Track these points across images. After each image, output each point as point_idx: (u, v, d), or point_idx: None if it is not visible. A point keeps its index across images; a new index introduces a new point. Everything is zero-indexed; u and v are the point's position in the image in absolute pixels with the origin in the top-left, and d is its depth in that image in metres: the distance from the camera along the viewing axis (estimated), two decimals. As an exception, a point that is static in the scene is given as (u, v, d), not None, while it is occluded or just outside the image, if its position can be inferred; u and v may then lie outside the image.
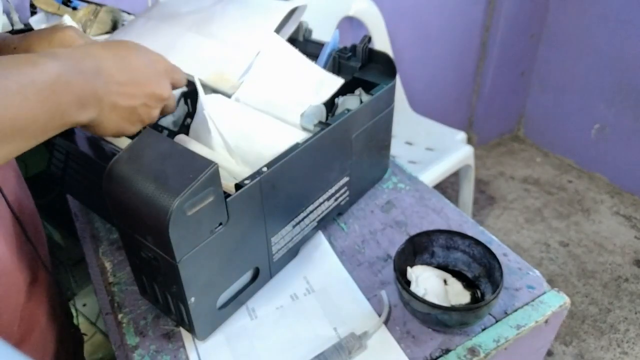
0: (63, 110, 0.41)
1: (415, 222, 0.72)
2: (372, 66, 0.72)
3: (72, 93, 0.41)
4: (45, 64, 0.40)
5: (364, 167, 0.72)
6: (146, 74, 0.50)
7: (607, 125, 1.88)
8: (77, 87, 0.42)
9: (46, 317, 0.62)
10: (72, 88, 0.41)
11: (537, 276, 0.62)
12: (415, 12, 1.66)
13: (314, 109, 0.64)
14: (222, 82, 0.66)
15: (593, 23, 1.77)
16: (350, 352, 0.54)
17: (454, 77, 1.95)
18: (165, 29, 0.71)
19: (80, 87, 0.42)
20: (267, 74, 0.66)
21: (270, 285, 0.63)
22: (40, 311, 0.62)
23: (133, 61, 0.48)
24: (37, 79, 0.38)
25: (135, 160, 0.47)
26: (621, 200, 1.87)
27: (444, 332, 0.57)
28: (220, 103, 0.64)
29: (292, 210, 0.61)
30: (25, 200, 0.67)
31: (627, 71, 1.73)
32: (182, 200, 0.43)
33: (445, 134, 1.58)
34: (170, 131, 0.68)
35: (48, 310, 0.63)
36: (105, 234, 0.73)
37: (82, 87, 0.42)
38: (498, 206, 1.88)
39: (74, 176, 0.71)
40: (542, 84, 2.06)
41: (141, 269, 0.55)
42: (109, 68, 0.46)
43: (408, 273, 0.60)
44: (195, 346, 0.57)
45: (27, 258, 0.60)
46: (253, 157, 0.59)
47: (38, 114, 0.39)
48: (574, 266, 1.62)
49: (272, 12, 0.69)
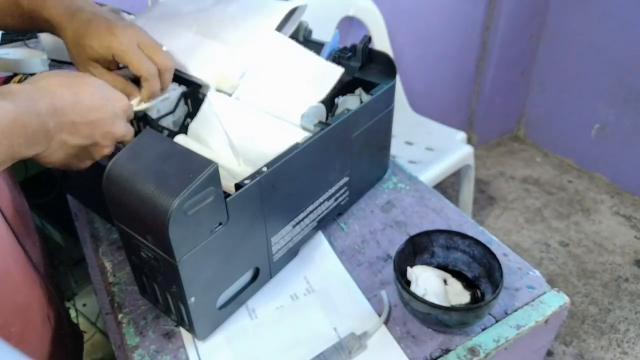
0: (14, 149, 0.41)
1: (415, 222, 0.72)
2: (372, 66, 0.72)
3: (24, 134, 0.42)
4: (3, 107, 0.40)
5: (364, 167, 0.72)
6: (102, 114, 0.50)
7: (607, 125, 1.88)
8: (31, 128, 0.42)
9: (42, 318, 0.62)
10: (26, 130, 0.42)
11: (537, 276, 0.62)
12: (415, 12, 1.66)
13: (314, 109, 0.64)
14: (222, 82, 0.66)
15: (593, 23, 1.77)
16: (350, 352, 0.54)
17: (454, 77, 1.95)
18: (166, 29, 0.71)
19: (34, 128, 0.43)
20: (268, 71, 0.66)
21: (270, 285, 0.63)
22: (38, 311, 0.62)
23: (88, 100, 0.48)
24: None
25: (135, 160, 0.47)
26: (621, 200, 1.87)
27: (444, 332, 0.57)
28: (224, 102, 0.64)
29: (292, 210, 0.61)
30: (18, 202, 0.67)
31: (627, 71, 1.73)
32: (182, 200, 0.43)
33: (445, 134, 1.58)
34: (170, 131, 0.68)
35: (46, 309, 0.63)
36: (105, 234, 0.73)
37: (35, 128, 0.43)
38: (498, 206, 1.88)
39: (74, 176, 0.71)
40: (542, 84, 2.06)
41: (141, 269, 0.55)
42: (64, 107, 0.46)
43: (408, 273, 0.60)
44: (195, 346, 0.57)
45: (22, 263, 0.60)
46: (255, 156, 0.59)
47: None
48: (574, 266, 1.62)
49: (272, 12, 0.69)
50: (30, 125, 0.42)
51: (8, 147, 0.41)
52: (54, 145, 0.46)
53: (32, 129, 0.42)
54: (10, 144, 0.41)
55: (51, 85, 0.46)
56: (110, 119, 0.51)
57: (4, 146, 0.40)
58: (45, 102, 0.44)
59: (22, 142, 0.42)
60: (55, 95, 0.45)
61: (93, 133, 0.49)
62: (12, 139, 0.41)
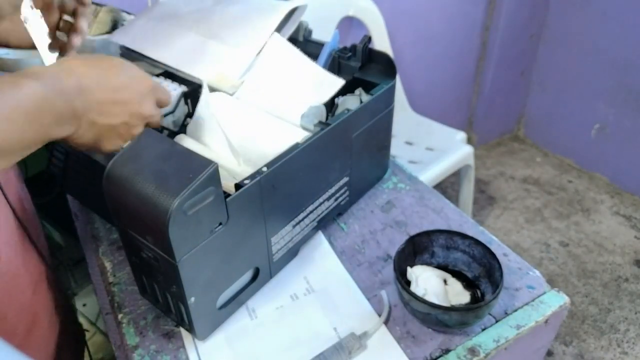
0: (45, 128, 0.42)
1: (415, 222, 0.72)
2: (372, 66, 0.72)
3: (54, 113, 0.42)
4: (29, 86, 0.40)
5: (364, 167, 0.72)
6: (128, 93, 0.49)
7: (607, 125, 1.87)
8: (59, 107, 0.42)
9: (49, 316, 0.63)
10: (55, 108, 0.42)
11: (537, 276, 0.62)
12: (415, 12, 1.66)
13: (314, 109, 0.64)
14: (222, 82, 0.66)
15: (593, 23, 1.77)
16: (350, 352, 0.54)
17: (454, 77, 1.95)
18: (166, 29, 0.71)
19: (61, 107, 0.43)
20: (268, 73, 0.66)
21: (270, 285, 0.63)
22: (43, 310, 0.62)
23: (114, 80, 0.48)
24: (23, 103, 0.39)
25: (135, 160, 0.47)
26: (621, 200, 1.87)
27: (444, 332, 0.57)
28: (223, 102, 0.64)
29: (292, 210, 0.61)
30: (26, 201, 0.67)
31: (627, 71, 1.73)
32: (182, 200, 0.43)
33: (445, 134, 1.58)
34: (170, 131, 0.68)
35: (50, 309, 0.63)
36: (105, 234, 0.73)
37: (63, 107, 0.43)
38: (498, 206, 1.88)
39: (74, 176, 0.71)
40: (542, 84, 2.06)
41: (141, 269, 0.55)
42: (89, 86, 0.45)
43: (408, 273, 0.60)
44: (195, 346, 0.57)
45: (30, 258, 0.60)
46: (255, 156, 0.59)
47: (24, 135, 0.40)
48: (574, 266, 1.62)
49: (272, 12, 0.69)
50: (58, 103, 0.42)
51: (39, 126, 0.41)
52: (83, 125, 0.46)
53: (60, 108, 0.43)
54: (40, 123, 0.41)
55: (76, 65, 0.46)
56: (137, 98, 0.50)
57: (35, 125, 0.41)
58: (71, 81, 0.44)
59: (51, 121, 0.42)
60: (80, 75, 0.45)
61: (121, 112, 0.49)
62: (41, 118, 0.41)
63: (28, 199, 0.70)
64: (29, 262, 0.60)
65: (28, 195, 0.70)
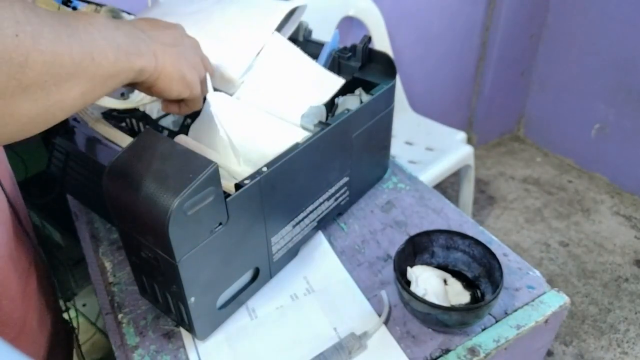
0: (124, 50, 0.42)
1: (415, 222, 0.72)
2: (372, 66, 0.72)
3: (124, 35, 0.43)
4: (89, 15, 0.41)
5: (364, 167, 0.72)
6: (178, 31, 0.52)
7: (607, 125, 1.87)
8: (127, 30, 0.43)
9: (40, 307, 0.63)
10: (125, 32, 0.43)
11: (537, 276, 0.62)
12: (415, 12, 1.66)
13: (314, 109, 0.64)
14: (222, 82, 0.66)
15: (593, 23, 1.77)
16: (350, 352, 0.54)
17: (454, 77, 1.95)
18: None
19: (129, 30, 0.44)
20: (268, 73, 0.66)
21: (270, 285, 0.63)
22: (36, 300, 0.62)
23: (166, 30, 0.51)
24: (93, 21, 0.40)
25: (135, 160, 0.47)
26: (621, 200, 1.87)
27: (444, 332, 0.57)
28: (225, 101, 0.64)
29: (292, 210, 0.61)
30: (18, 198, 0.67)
31: (627, 71, 1.73)
32: (182, 200, 0.43)
33: (445, 134, 1.58)
34: (170, 131, 0.68)
35: (42, 300, 0.64)
36: (105, 234, 0.73)
37: (130, 30, 0.44)
38: (498, 206, 1.88)
39: (74, 176, 0.71)
40: (542, 84, 2.06)
41: (141, 269, 0.55)
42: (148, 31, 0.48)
43: (408, 273, 0.60)
44: (195, 346, 0.57)
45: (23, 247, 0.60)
46: (256, 156, 0.59)
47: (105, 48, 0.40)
48: (574, 266, 1.62)
49: (272, 12, 0.69)
50: (123, 28, 0.43)
51: (117, 45, 0.41)
52: (159, 49, 0.47)
53: (128, 30, 0.43)
54: (116, 42, 0.41)
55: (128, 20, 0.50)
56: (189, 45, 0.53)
57: (113, 43, 0.40)
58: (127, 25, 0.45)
59: (127, 41, 0.42)
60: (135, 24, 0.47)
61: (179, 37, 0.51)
62: (114, 37, 0.41)
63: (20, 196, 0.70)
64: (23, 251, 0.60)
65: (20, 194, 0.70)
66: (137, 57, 0.44)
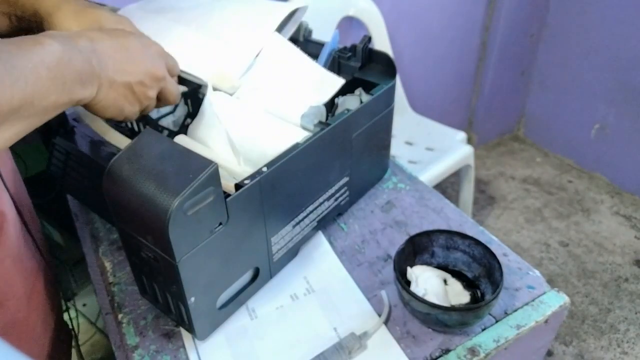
0: (68, 87, 0.43)
1: (415, 222, 0.72)
2: (372, 66, 0.72)
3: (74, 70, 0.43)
4: (50, 44, 0.41)
5: (364, 167, 0.72)
6: (140, 54, 0.52)
7: (607, 125, 1.87)
8: (78, 64, 0.44)
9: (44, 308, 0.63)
10: (74, 65, 0.43)
11: (537, 276, 0.62)
12: (415, 12, 1.66)
13: (314, 109, 0.64)
14: (222, 82, 0.65)
15: (593, 23, 1.77)
16: (350, 352, 0.54)
17: (454, 77, 1.95)
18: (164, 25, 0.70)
19: (80, 65, 0.44)
20: (268, 73, 0.66)
21: (270, 285, 0.63)
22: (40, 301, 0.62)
23: (126, 42, 0.51)
24: (46, 58, 0.40)
25: (135, 160, 0.47)
26: (621, 200, 1.87)
27: (444, 332, 0.57)
28: (225, 101, 0.64)
29: (292, 210, 0.61)
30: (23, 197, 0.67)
31: (627, 71, 1.73)
32: (182, 200, 0.43)
33: (445, 134, 1.58)
34: (170, 131, 0.68)
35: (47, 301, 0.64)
36: (105, 234, 0.73)
37: (81, 65, 0.44)
38: (498, 206, 1.88)
39: (74, 176, 0.71)
40: (542, 84, 2.06)
41: (141, 269, 0.55)
42: (103, 48, 0.48)
43: (408, 273, 0.60)
44: (195, 346, 0.57)
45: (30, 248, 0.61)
46: (256, 156, 0.59)
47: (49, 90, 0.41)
48: (574, 266, 1.62)
49: (272, 12, 0.69)
50: (76, 60, 0.44)
51: (62, 83, 0.42)
52: (104, 84, 0.48)
53: (78, 64, 0.44)
54: (62, 80, 0.42)
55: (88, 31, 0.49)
56: (150, 58, 0.53)
57: (58, 82, 0.41)
58: (84, 42, 0.46)
59: (73, 78, 0.43)
60: (92, 38, 0.47)
61: (136, 70, 0.51)
62: (63, 74, 0.42)
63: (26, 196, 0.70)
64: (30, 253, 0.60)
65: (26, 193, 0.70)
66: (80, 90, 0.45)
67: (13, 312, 0.56)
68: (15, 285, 0.56)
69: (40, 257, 0.64)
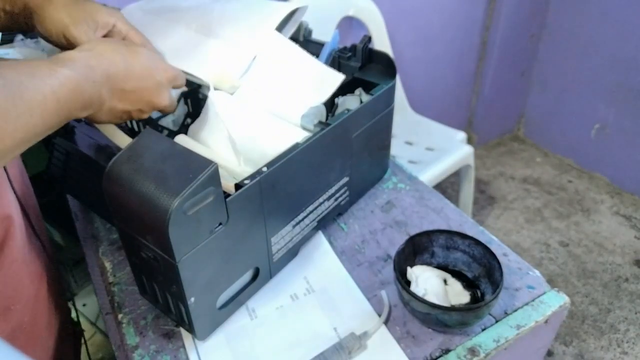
0: (72, 113, 0.44)
1: (415, 222, 0.72)
2: (372, 66, 0.72)
3: (82, 100, 0.45)
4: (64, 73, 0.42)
5: (364, 167, 0.72)
6: (149, 84, 0.53)
7: (607, 125, 1.87)
8: (87, 95, 0.45)
9: (50, 310, 0.63)
10: (83, 96, 0.45)
11: (537, 276, 0.62)
12: (415, 12, 1.66)
13: (314, 109, 0.64)
14: (222, 82, 0.65)
15: (593, 23, 1.77)
16: (350, 352, 0.54)
17: (454, 77, 1.95)
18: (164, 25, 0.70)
19: (89, 94, 0.46)
20: (268, 73, 0.66)
21: (270, 285, 0.63)
22: (46, 304, 0.62)
23: (138, 68, 0.51)
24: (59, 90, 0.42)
25: (135, 160, 0.47)
26: (621, 200, 1.87)
27: (444, 332, 0.57)
28: (226, 101, 0.64)
29: (292, 210, 0.61)
30: (30, 198, 0.67)
31: (627, 71, 1.73)
32: (182, 200, 0.43)
33: (445, 134, 1.58)
34: (170, 131, 0.68)
35: (52, 303, 0.64)
36: (105, 234, 0.73)
37: (90, 94, 0.46)
38: (498, 206, 1.88)
39: (74, 176, 0.71)
40: (542, 84, 2.06)
41: (141, 269, 0.55)
42: (117, 74, 0.49)
43: (408, 273, 0.60)
44: (195, 346, 0.57)
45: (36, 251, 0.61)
46: (256, 155, 0.59)
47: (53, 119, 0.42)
48: (574, 266, 1.62)
49: (272, 12, 0.69)
50: (87, 92, 0.45)
51: (66, 111, 0.43)
52: (104, 109, 0.49)
53: (88, 96, 0.45)
54: (68, 108, 0.43)
55: (106, 51, 0.49)
56: (156, 89, 0.54)
57: (64, 111, 0.43)
58: (101, 69, 0.47)
59: (78, 106, 0.45)
60: (110, 62, 0.48)
61: (139, 100, 0.52)
62: (70, 105, 0.43)
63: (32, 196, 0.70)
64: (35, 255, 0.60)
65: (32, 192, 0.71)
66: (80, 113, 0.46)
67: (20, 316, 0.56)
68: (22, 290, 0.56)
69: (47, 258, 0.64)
